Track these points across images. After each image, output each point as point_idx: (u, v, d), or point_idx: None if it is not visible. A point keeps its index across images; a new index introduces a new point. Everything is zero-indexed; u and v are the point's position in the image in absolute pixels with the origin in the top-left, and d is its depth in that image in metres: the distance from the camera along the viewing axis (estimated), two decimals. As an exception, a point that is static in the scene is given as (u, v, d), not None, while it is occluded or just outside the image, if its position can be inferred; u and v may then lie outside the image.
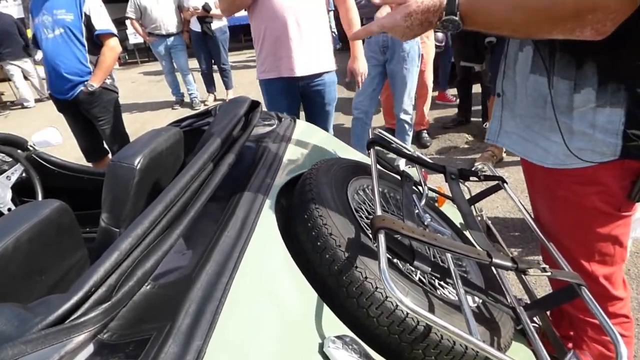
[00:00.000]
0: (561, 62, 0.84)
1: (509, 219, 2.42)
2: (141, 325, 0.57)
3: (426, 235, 0.73)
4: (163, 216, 0.74)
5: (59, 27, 2.41)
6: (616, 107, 0.79)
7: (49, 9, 2.42)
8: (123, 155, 0.96)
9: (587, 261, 0.98)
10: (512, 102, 1.00)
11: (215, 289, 0.62)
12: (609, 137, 0.81)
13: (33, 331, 0.50)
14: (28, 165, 1.75)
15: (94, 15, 2.44)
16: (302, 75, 2.01)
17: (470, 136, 3.66)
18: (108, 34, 2.51)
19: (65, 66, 2.45)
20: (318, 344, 0.64)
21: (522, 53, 0.94)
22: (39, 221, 0.81)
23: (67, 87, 2.48)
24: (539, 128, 0.93)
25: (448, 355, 0.72)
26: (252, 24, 2.03)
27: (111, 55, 2.52)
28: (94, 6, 2.45)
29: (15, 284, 0.76)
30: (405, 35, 0.81)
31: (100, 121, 2.62)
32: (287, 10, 1.90)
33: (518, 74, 0.96)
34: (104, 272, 0.58)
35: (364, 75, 2.17)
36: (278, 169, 1.05)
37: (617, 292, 1.03)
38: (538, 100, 0.91)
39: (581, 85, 0.82)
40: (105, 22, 2.51)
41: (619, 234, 0.95)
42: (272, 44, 1.97)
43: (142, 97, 6.85)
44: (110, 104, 2.62)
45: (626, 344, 1.08)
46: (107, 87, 2.58)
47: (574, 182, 0.91)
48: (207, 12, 4.97)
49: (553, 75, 0.86)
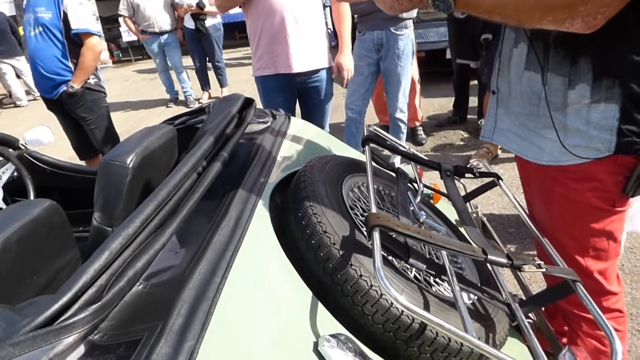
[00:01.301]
0: (556, 58, 0.84)
1: (504, 215, 2.43)
2: (132, 326, 0.56)
3: (421, 233, 0.73)
4: (155, 215, 0.73)
5: (38, 26, 2.37)
6: (610, 102, 0.79)
7: (33, 6, 2.38)
8: (115, 153, 0.95)
9: (582, 257, 0.99)
10: (507, 99, 1.00)
11: (208, 288, 0.61)
12: (604, 133, 0.81)
13: (21, 333, 0.49)
14: (19, 164, 1.73)
15: (71, 14, 2.36)
16: (299, 72, 2.00)
17: (465, 133, 3.67)
18: (86, 34, 2.42)
19: (44, 65, 2.41)
20: (313, 343, 0.63)
21: (516, 49, 0.93)
22: (29, 221, 0.79)
23: (50, 85, 2.45)
24: (534, 125, 0.93)
25: (443, 353, 0.72)
26: (248, 21, 2.01)
27: (90, 55, 2.44)
28: (71, 4, 2.37)
29: (5, 285, 0.75)
30: (392, 7, 0.80)
31: (86, 121, 2.57)
32: (284, 6, 1.89)
33: (512, 71, 0.95)
34: (93, 272, 0.57)
35: (350, 72, 2.16)
36: (272, 166, 1.05)
37: (612, 287, 1.04)
38: (532, 97, 0.91)
39: (576, 81, 0.82)
40: (83, 20, 2.41)
41: (613, 229, 0.95)
42: (269, 41, 1.95)
43: (136, 95, 6.80)
44: (95, 104, 2.56)
45: (620, 338, 1.09)
46: (90, 87, 2.51)
47: (569, 178, 0.91)
48: (201, 9, 4.94)
49: (547, 72, 0.86)
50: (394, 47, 2.66)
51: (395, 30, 2.62)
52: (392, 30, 2.62)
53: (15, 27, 6.66)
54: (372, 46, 2.72)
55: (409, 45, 2.70)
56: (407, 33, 2.67)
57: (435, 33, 4.31)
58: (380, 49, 2.71)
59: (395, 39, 2.64)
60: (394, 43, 2.65)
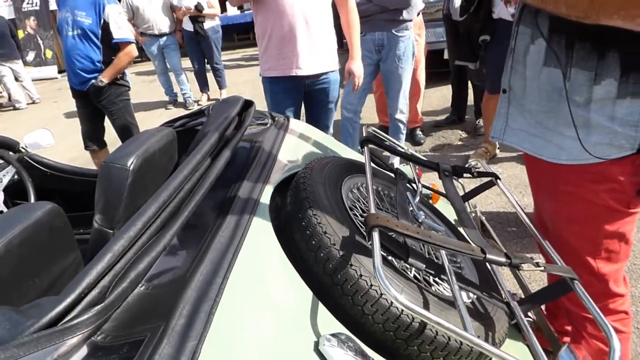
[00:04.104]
0: (581, 53, 0.81)
1: (502, 214, 2.44)
2: (135, 327, 0.57)
3: (420, 232, 0.73)
4: (157, 217, 0.74)
5: (77, 28, 2.58)
6: (636, 98, 0.78)
7: (72, 7, 2.58)
8: (116, 156, 0.95)
9: (593, 258, 0.98)
10: (521, 97, 0.97)
11: (209, 289, 0.61)
12: (629, 129, 0.80)
13: (25, 334, 0.49)
14: (20, 167, 1.73)
15: (113, 24, 2.60)
16: (308, 75, 1.99)
17: (463, 133, 3.67)
18: (126, 43, 2.69)
19: (79, 64, 2.64)
20: (313, 342, 0.64)
21: (533, 46, 0.91)
22: (31, 224, 0.80)
23: (81, 81, 2.69)
24: (553, 123, 0.90)
25: (443, 351, 0.72)
26: (257, 20, 2.00)
27: (126, 59, 2.72)
28: (113, 14, 2.61)
29: (7, 288, 0.76)
30: None
31: (110, 112, 2.82)
32: (296, 8, 1.87)
33: (529, 68, 0.93)
34: (96, 274, 0.58)
35: (360, 79, 2.14)
36: (272, 168, 1.05)
37: (619, 289, 1.03)
38: (552, 94, 0.88)
39: (602, 76, 0.80)
40: (124, 31, 2.68)
41: (626, 231, 0.94)
42: (279, 42, 1.94)
43: (135, 97, 6.75)
44: (119, 97, 2.79)
45: (624, 339, 1.08)
46: (116, 81, 2.74)
47: (585, 179, 0.90)
48: (200, 12, 4.95)
49: (571, 67, 0.83)
50: (395, 49, 2.67)
51: (396, 31, 2.63)
52: (393, 32, 2.63)
53: (14, 31, 6.67)
54: (373, 47, 2.72)
55: (410, 46, 2.71)
56: (407, 34, 2.67)
57: (432, 33, 4.32)
58: (381, 50, 2.72)
59: (396, 41, 2.65)
60: (395, 44, 2.66)
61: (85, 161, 3.94)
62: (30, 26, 9.21)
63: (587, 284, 0.98)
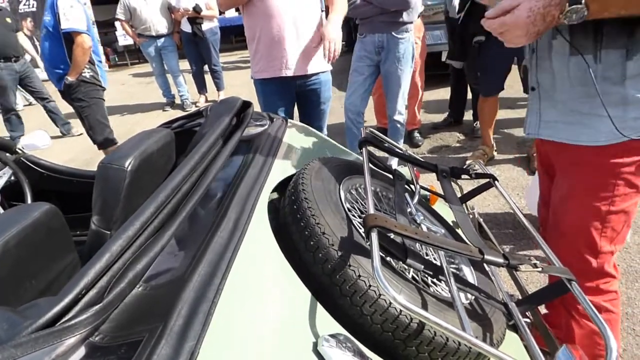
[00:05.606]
0: (611, 34, 0.85)
1: (500, 216, 2.44)
2: (133, 327, 0.56)
3: (418, 233, 0.74)
4: (154, 217, 0.74)
5: (44, 28, 2.75)
6: None
7: (45, 11, 2.74)
8: (113, 157, 0.95)
9: (599, 235, 1.04)
10: (551, 90, 1.02)
11: (208, 289, 0.61)
12: None
13: (23, 334, 0.49)
14: (17, 168, 1.72)
15: (62, 16, 2.65)
16: (298, 75, 2.00)
17: (461, 135, 3.69)
18: (74, 32, 2.69)
19: (48, 62, 2.80)
20: (312, 343, 0.64)
21: (555, 40, 0.95)
22: (28, 225, 0.79)
23: (55, 79, 2.82)
24: (588, 107, 0.95)
25: (441, 352, 0.73)
26: (247, 23, 2.01)
27: (80, 51, 2.72)
28: (63, 6, 2.66)
29: (4, 289, 0.75)
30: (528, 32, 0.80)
31: (79, 110, 2.91)
32: (284, 10, 1.88)
33: (555, 60, 0.97)
34: (94, 274, 0.58)
35: (333, 43, 1.89)
36: (270, 168, 1.05)
37: (611, 270, 1.10)
38: (584, 79, 0.92)
39: (634, 51, 0.85)
40: (72, 20, 2.68)
41: (631, 211, 1.01)
42: (268, 44, 1.95)
43: (133, 98, 6.79)
44: (88, 95, 2.88)
45: (613, 320, 1.16)
46: (85, 79, 2.83)
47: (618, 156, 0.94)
48: (198, 13, 4.95)
49: (601, 50, 0.88)
50: (395, 50, 2.68)
51: (396, 33, 2.64)
52: (393, 34, 2.64)
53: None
54: (373, 48, 2.73)
55: (410, 48, 2.71)
56: (407, 37, 2.68)
57: (430, 36, 4.34)
58: (381, 52, 2.73)
59: (395, 43, 2.66)
60: (395, 46, 2.67)
61: (82, 162, 3.93)
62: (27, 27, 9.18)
63: (586, 262, 1.07)
